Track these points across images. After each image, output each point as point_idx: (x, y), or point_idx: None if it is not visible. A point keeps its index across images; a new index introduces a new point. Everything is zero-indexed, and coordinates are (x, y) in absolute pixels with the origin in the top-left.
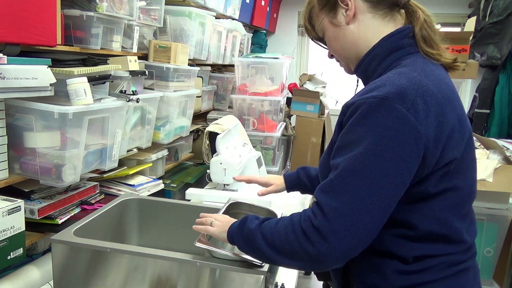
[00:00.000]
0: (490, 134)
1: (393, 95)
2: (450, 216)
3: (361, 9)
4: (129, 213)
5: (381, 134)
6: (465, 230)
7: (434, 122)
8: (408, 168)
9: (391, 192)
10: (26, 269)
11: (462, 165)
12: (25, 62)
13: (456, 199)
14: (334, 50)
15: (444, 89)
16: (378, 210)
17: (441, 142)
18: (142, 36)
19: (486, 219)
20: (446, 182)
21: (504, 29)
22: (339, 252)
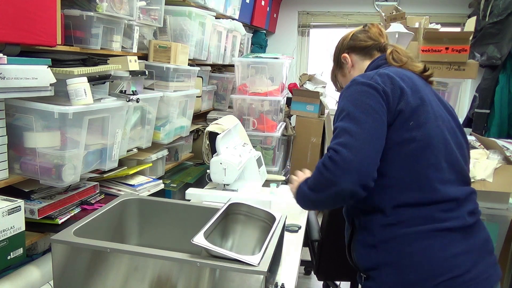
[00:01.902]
0: (490, 134)
1: (359, 78)
2: (416, 164)
3: (355, 59)
4: (129, 213)
5: (355, 96)
6: (440, 181)
7: (388, 84)
8: (379, 108)
9: (373, 125)
10: (26, 269)
11: (420, 122)
12: (25, 62)
13: (419, 149)
14: (343, 84)
15: (399, 71)
16: (368, 140)
17: (395, 93)
18: (142, 36)
19: (486, 219)
20: (405, 132)
21: (504, 29)
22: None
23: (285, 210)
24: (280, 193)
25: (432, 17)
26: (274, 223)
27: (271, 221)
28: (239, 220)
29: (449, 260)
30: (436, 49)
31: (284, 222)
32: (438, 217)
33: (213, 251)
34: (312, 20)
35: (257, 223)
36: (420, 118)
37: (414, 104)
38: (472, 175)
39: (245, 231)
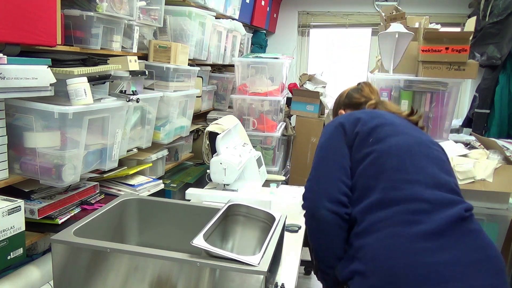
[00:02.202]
0: (490, 134)
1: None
2: (378, 168)
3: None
4: (129, 213)
5: (322, 135)
6: (404, 181)
7: (346, 117)
8: (337, 138)
9: (331, 153)
10: (26, 269)
11: (380, 137)
12: (25, 62)
13: (379, 157)
14: None
15: (365, 111)
16: (326, 167)
17: (351, 122)
18: (142, 36)
19: (486, 219)
20: (365, 148)
21: (504, 29)
22: (311, 198)
23: (285, 210)
24: (280, 193)
25: (432, 17)
26: (274, 223)
27: (271, 222)
28: (239, 221)
29: (416, 266)
30: (436, 49)
31: (284, 222)
32: (407, 219)
33: (213, 252)
34: (312, 20)
35: (257, 224)
36: (379, 134)
37: (371, 125)
38: (472, 175)
39: (245, 232)
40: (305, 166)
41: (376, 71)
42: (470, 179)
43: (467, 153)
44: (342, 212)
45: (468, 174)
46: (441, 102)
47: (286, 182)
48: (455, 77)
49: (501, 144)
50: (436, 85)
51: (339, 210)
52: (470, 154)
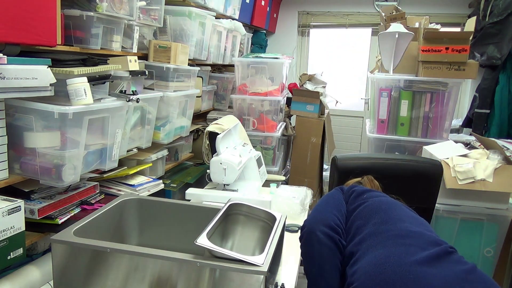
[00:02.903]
0: (490, 134)
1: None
2: (367, 216)
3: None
4: (129, 213)
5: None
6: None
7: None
8: (339, 196)
9: (334, 204)
10: (26, 269)
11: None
12: (25, 62)
13: (369, 206)
14: None
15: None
16: (328, 209)
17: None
18: (142, 36)
19: (486, 219)
20: (359, 200)
21: (504, 29)
22: (308, 221)
23: (285, 210)
24: (280, 193)
25: (432, 17)
26: (275, 223)
27: (271, 221)
28: (239, 221)
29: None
30: (436, 49)
31: (284, 222)
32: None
33: (217, 252)
34: (312, 20)
35: (257, 223)
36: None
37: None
38: (472, 175)
39: (245, 231)
40: (305, 166)
41: (376, 71)
42: (470, 179)
43: (467, 153)
44: (335, 238)
45: (468, 174)
46: (441, 102)
47: (286, 182)
48: (455, 77)
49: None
50: (436, 85)
51: (333, 235)
52: (470, 154)
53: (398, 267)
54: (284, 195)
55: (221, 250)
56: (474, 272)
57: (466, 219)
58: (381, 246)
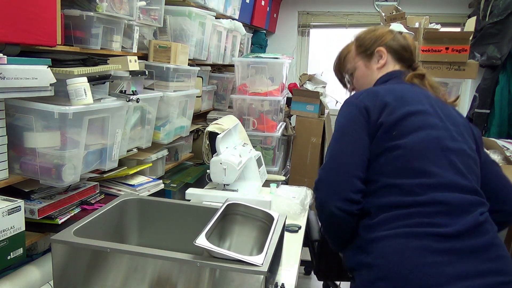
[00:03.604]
0: (490, 134)
1: (349, 97)
2: (398, 169)
3: (389, 60)
4: (129, 213)
5: (340, 119)
6: (423, 186)
7: (371, 100)
8: (360, 128)
9: (351, 146)
10: (26, 269)
11: (405, 131)
12: (25, 62)
13: (401, 155)
14: (359, 85)
15: (389, 87)
16: (343, 158)
17: (376, 108)
18: (142, 36)
19: None
20: (387, 142)
21: (504, 29)
22: (318, 191)
23: (285, 210)
24: (280, 193)
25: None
26: (273, 223)
27: (269, 221)
28: (237, 221)
29: (423, 268)
30: (436, 49)
31: (284, 222)
32: (420, 221)
33: (216, 252)
34: (312, 20)
35: (254, 223)
36: (405, 127)
37: (397, 116)
38: None
39: (242, 231)
40: (305, 166)
41: None
42: None
43: None
44: (353, 210)
45: None
46: None
47: (286, 182)
48: (455, 77)
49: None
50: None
51: (351, 208)
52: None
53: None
54: (284, 195)
55: (220, 251)
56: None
57: None
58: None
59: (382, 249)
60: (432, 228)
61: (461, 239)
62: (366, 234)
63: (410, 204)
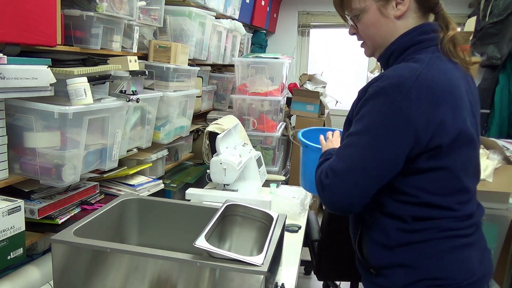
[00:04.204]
0: (490, 134)
1: (391, 85)
2: (440, 190)
3: (411, 7)
4: (129, 213)
5: (377, 118)
6: (456, 202)
7: (426, 110)
8: (397, 147)
9: (378, 165)
10: (26, 269)
11: (455, 147)
12: (25, 62)
13: (445, 176)
14: (368, 35)
15: (445, 82)
16: (366, 177)
17: (430, 128)
18: (142, 36)
19: (486, 219)
20: (435, 161)
21: (504, 29)
22: (330, 203)
23: (285, 210)
24: (280, 193)
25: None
26: (272, 223)
27: (269, 221)
28: (236, 221)
29: (464, 263)
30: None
31: (284, 222)
32: (456, 226)
33: (216, 253)
34: (312, 20)
35: (254, 224)
36: (454, 148)
37: (451, 137)
38: None
39: (242, 232)
40: None
41: (376, 71)
42: None
43: None
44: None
45: None
46: None
47: (286, 182)
48: None
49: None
50: None
51: (354, 211)
52: None
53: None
54: (284, 195)
55: (220, 252)
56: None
57: None
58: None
59: (424, 252)
60: (463, 231)
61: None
62: (400, 237)
63: (447, 216)
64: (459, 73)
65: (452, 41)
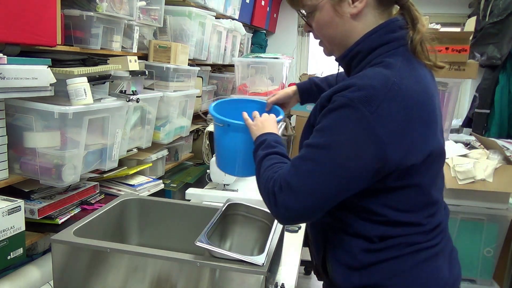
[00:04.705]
0: (490, 134)
1: (360, 98)
2: (409, 207)
3: (370, 3)
4: (129, 213)
5: (341, 134)
6: (425, 216)
7: (396, 129)
8: (361, 167)
9: (338, 184)
10: (26, 269)
11: (427, 165)
12: (25, 62)
13: (415, 193)
14: (323, 35)
15: (419, 93)
16: (324, 196)
17: (401, 149)
18: (142, 36)
19: (486, 219)
20: (406, 180)
21: (504, 29)
22: (284, 219)
23: None
24: None
25: (432, 17)
26: (274, 223)
27: (270, 221)
28: (238, 221)
29: (435, 274)
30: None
31: None
32: (423, 239)
33: (217, 252)
34: None
35: (255, 223)
36: (426, 166)
37: (423, 155)
38: (472, 175)
39: (243, 231)
40: None
41: None
42: (470, 179)
43: (467, 153)
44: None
45: (468, 174)
46: (441, 102)
47: None
48: (455, 77)
49: (501, 144)
50: None
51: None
52: (470, 154)
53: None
54: None
55: (221, 251)
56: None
57: (466, 219)
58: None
59: (394, 269)
60: (432, 241)
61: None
62: (366, 257)
63: (414, 232)
64: (430, 78)
65: (421, 42)
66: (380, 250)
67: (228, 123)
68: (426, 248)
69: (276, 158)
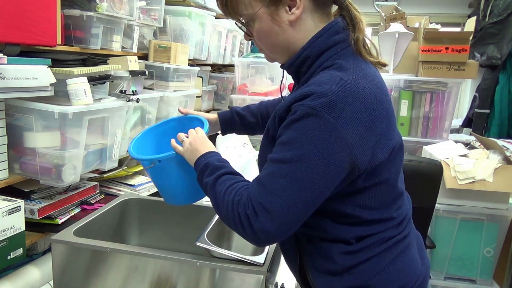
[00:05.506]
0: (490, 134)
1: (322, 105)
2: (381, 204)
3: (307, 8)
4: (129, 213)
5: (310, 145)
6: (394, 210)
7: (362, 131)
8: (334, 173)
9: (314, 195)
10: (26, 269)
11: (391, 159)
12: (25, 62)
13: (385, 189)
14: (264, 44)
15: (375, 91)
16: (300, 209)
17: (368, 148)
18: (142, 36)
19: (486, 219)
20: (375, 178)
21: (504, 29)
22: (262, 242)
23: None
24: None
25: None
26: None
27: None
28: None
29: (411, 265)
30: (436, 49)
31: None
32: (391, 235)
33: (217, 252)
34: None
35: None
36: (391, 161)
37: (387, 152)
38: (472, 175)
39: None
40: None
41: None
42: (470, 179)
43: (467, 153)
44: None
45: (468, 174)
46: (441, 102)
47: None
48: (455, 77)
49: (501, 144)
50: (436, 85)
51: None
52: (470, 154)
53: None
54: None
55: (221, 251)
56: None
57: (466, 219)
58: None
59: (375, 268)
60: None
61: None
62: (346, 260)
63: (388, 227)
64: (379, 74)
65: (363, 41)
66: (358, 251)
67: (159, 159)
68: (400, 241)
69: (228, 178)
